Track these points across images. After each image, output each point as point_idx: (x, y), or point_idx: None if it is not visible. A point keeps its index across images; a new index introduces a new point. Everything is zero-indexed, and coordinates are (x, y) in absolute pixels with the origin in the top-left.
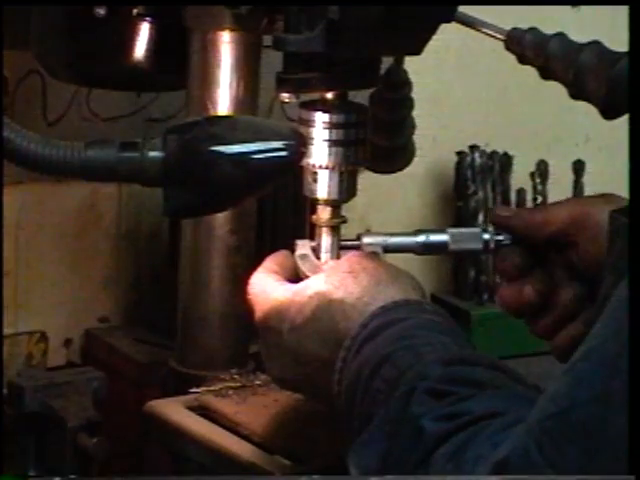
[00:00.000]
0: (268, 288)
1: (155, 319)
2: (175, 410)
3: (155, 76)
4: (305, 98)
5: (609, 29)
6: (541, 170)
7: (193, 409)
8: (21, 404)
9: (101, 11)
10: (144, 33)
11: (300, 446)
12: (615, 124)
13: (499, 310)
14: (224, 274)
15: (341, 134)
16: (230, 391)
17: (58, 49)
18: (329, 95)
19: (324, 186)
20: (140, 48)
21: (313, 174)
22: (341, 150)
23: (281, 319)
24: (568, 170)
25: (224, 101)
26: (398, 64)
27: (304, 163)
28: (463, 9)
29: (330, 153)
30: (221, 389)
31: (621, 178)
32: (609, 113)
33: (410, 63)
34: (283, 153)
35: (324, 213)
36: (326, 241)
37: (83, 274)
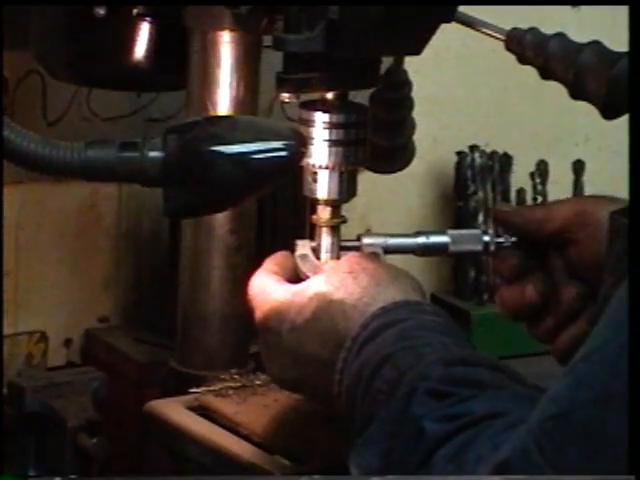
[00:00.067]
0: (268, 289)
1: (155, 319)
2: (175, 410)
3: (155, 76)
4: (305, 98)
5: (609, 29)
6: (541, 170)
7: (193, 409)
8: (21, 404)
9: (101, 11)
10: (144, 33)
11: (300, 446)
12: (615, 124)
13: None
14: (224, 274)
15: (341, 134)
16: (230, 391)
17: (58, 49)
18: (329, 95)
19: (324, 186)
20: (140, 48)
21: (313, 174)
22: (341, 150)
23: (281, 320)
24: (568, 170)
25: (224, 101)
26: (398, 64)
27: (304, 163)
28: (463, 9)
29: (330, 153)
30: (221, 389)
31: (621, 178)
32: (609, 113)
33: (410, 63)
34: (283, 153)
35: (324, 213)
36: (326, 241)
37: (83, 274)
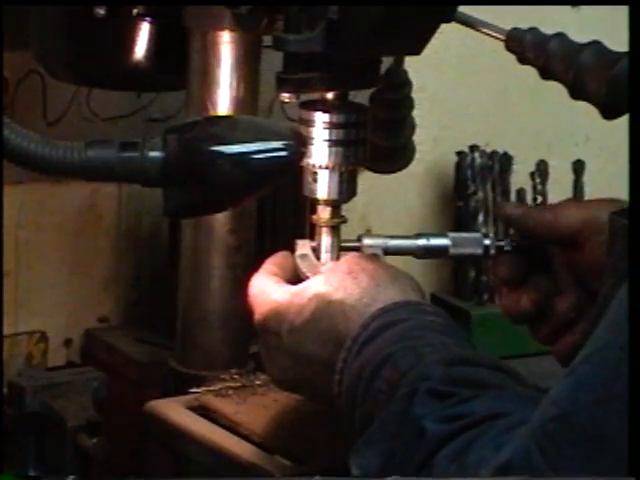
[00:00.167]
0: (267, 290)
1: (155, 319)
2: (175, 410)
3: (155, 76)
4: (305, 98)
5: (609, 29)
6: (541, 170)
7: (193, 409)
8: (21, 404)
9: (101, 11)
10: (144, 33)
11: (300, 446)
12: (615, 124)
13: (499, 310)
14: (224, 274)
15: (341, 134)
16: (230, 391)
17: (58, 49)
18: (329, 95)
19: (324, 186)
20: (140, 48)
21: (313, 174)
22: (341, 150)
23: (280, 320)
24: (568, 170)
25: (224, 101)
26: (398, 64)
27: (304, 163)
28: (463, 9)
29: (330, 153)
30: (221, 389)
31: (621, 178)
32: (609, 113)
33: (410, 63)
34: (283, 153)
35: (324, 213)
36: (326, 241)
37: (83, 274)
